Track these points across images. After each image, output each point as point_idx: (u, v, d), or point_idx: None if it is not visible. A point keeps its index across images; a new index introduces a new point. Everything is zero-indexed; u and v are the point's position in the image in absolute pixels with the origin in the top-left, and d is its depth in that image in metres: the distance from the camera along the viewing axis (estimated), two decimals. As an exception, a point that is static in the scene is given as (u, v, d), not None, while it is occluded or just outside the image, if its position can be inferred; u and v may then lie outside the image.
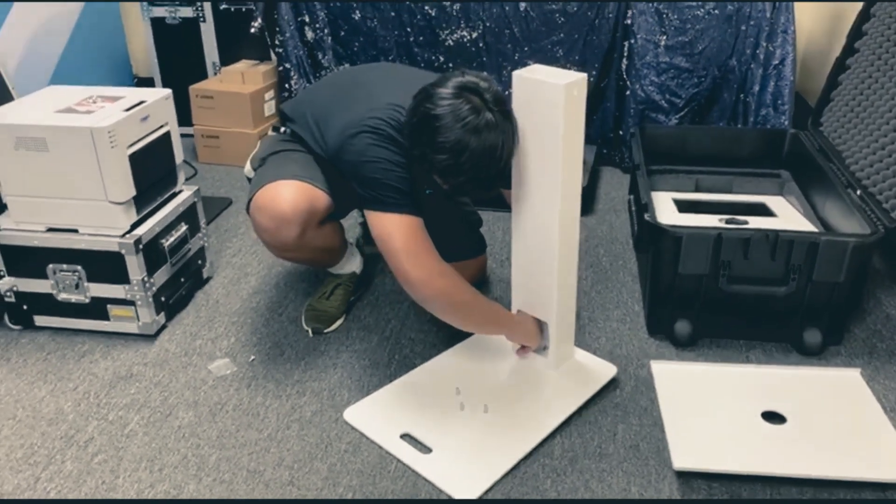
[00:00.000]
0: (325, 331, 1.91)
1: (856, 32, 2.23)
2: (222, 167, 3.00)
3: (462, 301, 1.58)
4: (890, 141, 1.94)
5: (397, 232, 1.51)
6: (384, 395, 1.65)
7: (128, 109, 1.78)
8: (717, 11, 2.65)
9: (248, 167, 1.84)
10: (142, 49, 3.34)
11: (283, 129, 1.85)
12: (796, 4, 2.68)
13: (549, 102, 1.42)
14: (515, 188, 1.58)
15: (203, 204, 2.10)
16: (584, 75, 1.42)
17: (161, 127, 1.89)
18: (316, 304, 1.94)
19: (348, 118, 1.58)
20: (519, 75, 1.46)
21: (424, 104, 1.43)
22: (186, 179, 2.87)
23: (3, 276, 1.87)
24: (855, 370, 1.70)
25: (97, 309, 1.88)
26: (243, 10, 3.07)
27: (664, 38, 2.71)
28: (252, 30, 2.92)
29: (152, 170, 1.87)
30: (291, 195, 1.65)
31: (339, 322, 1.94)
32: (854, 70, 2.21)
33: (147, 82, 3.36)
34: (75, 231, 1.81)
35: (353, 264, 1.99)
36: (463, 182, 1.47)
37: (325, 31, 2.90)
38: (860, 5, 2.23)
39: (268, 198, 1.66)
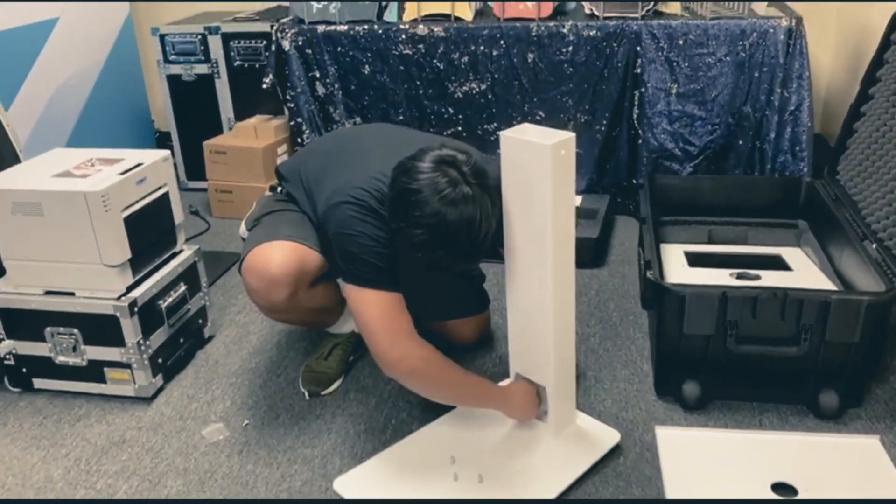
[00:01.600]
0: (323, 393, 1.87)
1: (870, 79, 2.16)
2: (235, 221, 2.99)
3: (438, 380, 1.55)
4: (906, 191, 1.86)
5: (372, 309, 1.49)
6: (376, 464, 1.60)
7: (123, 173, 1.78)
8: (728, 59, 2.60)
9: (242, 228, 1.83)
10: (160, 104, 3.40)
11: (279, 189, 1.84)
12: (813, 48, 2.62)
13: (536, 163, 1.38)
14: (506, 252, 1.54)
15: (212, 259, 2.08)
16: (573, 135, 1.38)
17: (159, 189, 1.90)
18: (314, 365, 1.91)
19: (334, 186, 1.56)
20: (506, 135, 1.42)
21: (402, 178, 1.41)
22: (199, 234, 2.90)
23: (3, 340, 1.87)
24: (874, 437, 1.60)
25: (94, 372, 1.87)
26: (256, 66, 3.11)
27: (675, 86, 2.67)
28: (264, 85, 2.95)
29: (149, 232, 1.87)
30: (281, 256, 1.63)
31: (337, 384, 1.89)
32: (869, 117, 2.13)
33: (165, 137, 3.41)
34: (72, 294, 1.81)
35: (351, 324, 1.95)
36: (441, 256, 1.43)
37: (336, 85, 2.91)
38: (878, 42, 2.14)
39: (258, 259, 1.65)
